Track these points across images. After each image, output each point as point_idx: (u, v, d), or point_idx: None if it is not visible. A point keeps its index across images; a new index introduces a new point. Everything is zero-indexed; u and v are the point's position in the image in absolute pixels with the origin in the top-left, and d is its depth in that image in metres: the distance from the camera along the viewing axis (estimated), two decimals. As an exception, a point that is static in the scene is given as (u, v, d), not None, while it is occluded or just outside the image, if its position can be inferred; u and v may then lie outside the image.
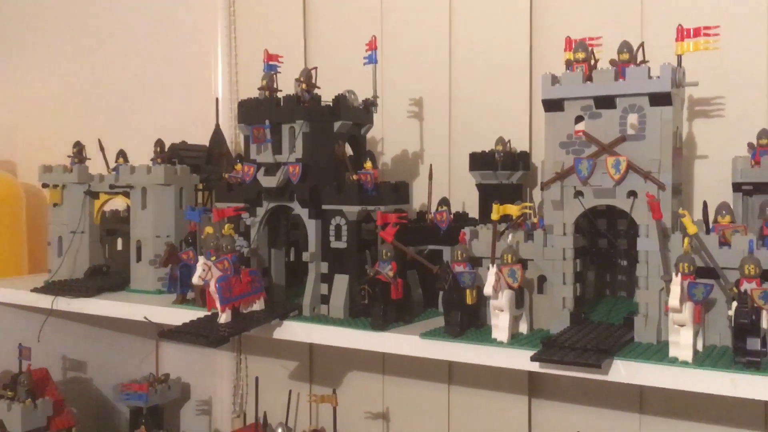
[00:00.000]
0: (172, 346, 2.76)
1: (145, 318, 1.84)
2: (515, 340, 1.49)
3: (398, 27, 2.32)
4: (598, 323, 1.54)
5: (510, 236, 1.57)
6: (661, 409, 1.95)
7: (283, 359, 2.55)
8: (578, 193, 1.51)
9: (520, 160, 1.97)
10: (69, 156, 2.29)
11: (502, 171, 1.95)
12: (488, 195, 1.93)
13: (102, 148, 2.31)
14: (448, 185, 2.22)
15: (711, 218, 1.52)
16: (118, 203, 2.34)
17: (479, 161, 1.98)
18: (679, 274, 1.29)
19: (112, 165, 2.24)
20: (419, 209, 2.08)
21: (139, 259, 2.10)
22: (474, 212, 2.02)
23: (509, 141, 1.99)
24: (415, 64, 2.29)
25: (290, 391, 2.19)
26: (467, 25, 2.21)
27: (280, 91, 1.85)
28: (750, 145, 1.74)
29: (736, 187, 1.75)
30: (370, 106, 1.86)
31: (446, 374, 2.23)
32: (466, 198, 2.12)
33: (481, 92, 2.18)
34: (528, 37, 2.11)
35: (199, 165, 2.31)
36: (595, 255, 1.82)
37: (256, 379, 2.12)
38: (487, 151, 1.97)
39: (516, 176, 1.97)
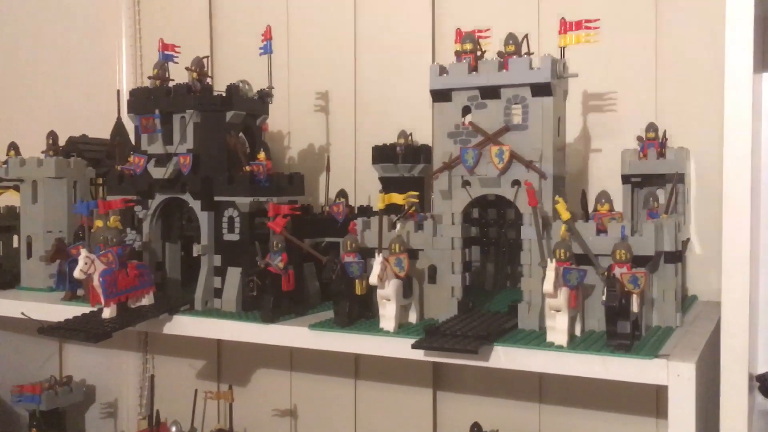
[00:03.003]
0: (76, 348, 2.65)
1: (23, 314, 1.76)
2: (403, 329, 1.49)
3: (304, 21, 2.31)
4: (486, 312, 1.55)
5: (398, 226, 1.57)
6: (560, 398, 1.98)
7: (191, 358, 2.50)
8: (465, 183, 1.52)
9: (421, 153, 1.97)
10: (-43, 148, 2.19)
11: (404, 164, 1.95)
12: (390, 188, 1.91)
13: (-8, 141, 2.21)
14: (354, 178, 2.21)
15: (592, 207, 1.55)
16: (16, 199, 2.24)
17: (381, 154, 1.97)
18: (554, 260, 1.31)
19: (3, 158, 2.14)
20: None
21: (29, 255, 2.02)
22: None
23: (411, 134, 1.99)
24: (321, 58, 2.28)
25: (196, 390, 2.14)
26: (372, 19, 2.22)
27: (173, 80, 1.80)
28: (639, 138, 1.79)
29: (625, 179, 1.80)
30: (265, 96, 1.83)
31: (353, 369, 2.22)
32: (370, 191, 2.12)
33: (386, 86, 2.19)
34: (430, 32, 2.12)
35: (100, 159, 2.23)
36: (485, 245, 1.84)
37: (151, 377, 2.06)
38: (389, 144, 1.97)
39: (417, 169, 1.97)
